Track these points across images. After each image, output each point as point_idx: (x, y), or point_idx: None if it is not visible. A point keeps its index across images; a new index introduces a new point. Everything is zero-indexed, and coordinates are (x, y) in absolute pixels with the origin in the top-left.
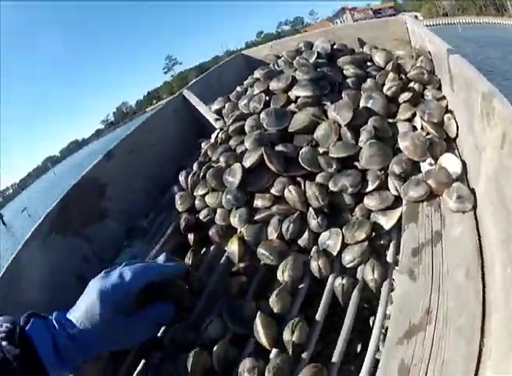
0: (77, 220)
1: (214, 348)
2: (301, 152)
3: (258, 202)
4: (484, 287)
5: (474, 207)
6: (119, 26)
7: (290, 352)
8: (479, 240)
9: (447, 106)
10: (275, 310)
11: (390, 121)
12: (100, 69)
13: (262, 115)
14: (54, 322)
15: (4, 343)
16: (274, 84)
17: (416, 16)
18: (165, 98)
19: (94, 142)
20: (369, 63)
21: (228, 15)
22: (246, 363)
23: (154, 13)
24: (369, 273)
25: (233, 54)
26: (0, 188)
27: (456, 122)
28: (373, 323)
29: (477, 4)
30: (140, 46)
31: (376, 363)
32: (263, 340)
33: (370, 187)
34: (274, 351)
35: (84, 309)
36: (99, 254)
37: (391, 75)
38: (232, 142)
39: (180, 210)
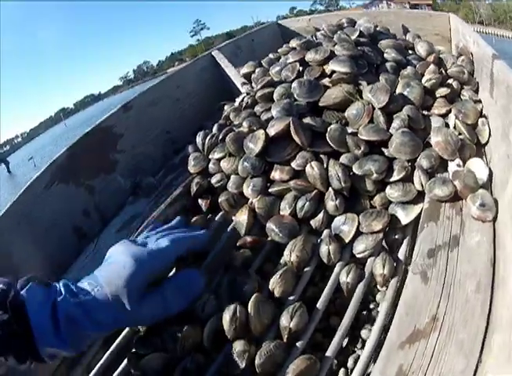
0: (84, 170)
1: (207, 324)
2: (329, 128)
3: (276, 174)
4: (491, 301)
5: (495, 219)
6: None
7: (285, 339)
8: (494, 253)
9: (482, 110)
10: (275, 292)
11: (424, 113)
12: (126, 25)
13: (294, 84)
14: (61, 288)
15: None
16: (310, 56)
17: None
18: (188, 61)
19: (110, 97)
20: (410, 52)
21: None
22: (237, 346)
23: None
24: (379, 268)
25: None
26: (9, 136)
27: (490, 128)
28: (365, 318)
29: None
30: (169, 7)
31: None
32: (252, 325)
33: (395, 177)
34: (268, 335)
35: (107, 273)
36: (101, 208)
37: (431, 67)
38: (257, 108)
39: (192, 171)
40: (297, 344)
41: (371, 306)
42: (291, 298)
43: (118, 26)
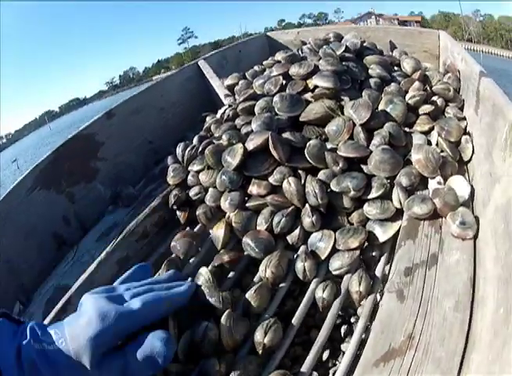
0: (65, 177)
1: (181, 339)
2: (308, 144)
3: (253, 189)
4: (470, 320)
5: (475, 237)
6: None
7: (260, 354)
8: (474, 271)
9: (466, 127)
10: (250, 307)
11: (406, 130)
12: (114, 30)
13: (276, 98)
14: (27, 330)
15: None
16: (294, 70)
17: None
18: (174, 69)
19: (95, 102)
20: (395, 68)
21: None
22: (210, 361)
23: None
24: (355, 285)
25: (250, 36)
26: None
27: (473, 146)
28: (345, 333)
29: (504, 37)
30: (157, 14)
31: None
32: (224, 341)
33: (374, 194)
34: (243, 351)
35: (73, 327)
36: (81, 216)
37: (416, 84)
38: (238, 121)
39: (171, 183)
40: (272, 359)
41: (352, 320)
42: (266, 313)
43: (106, 30)
